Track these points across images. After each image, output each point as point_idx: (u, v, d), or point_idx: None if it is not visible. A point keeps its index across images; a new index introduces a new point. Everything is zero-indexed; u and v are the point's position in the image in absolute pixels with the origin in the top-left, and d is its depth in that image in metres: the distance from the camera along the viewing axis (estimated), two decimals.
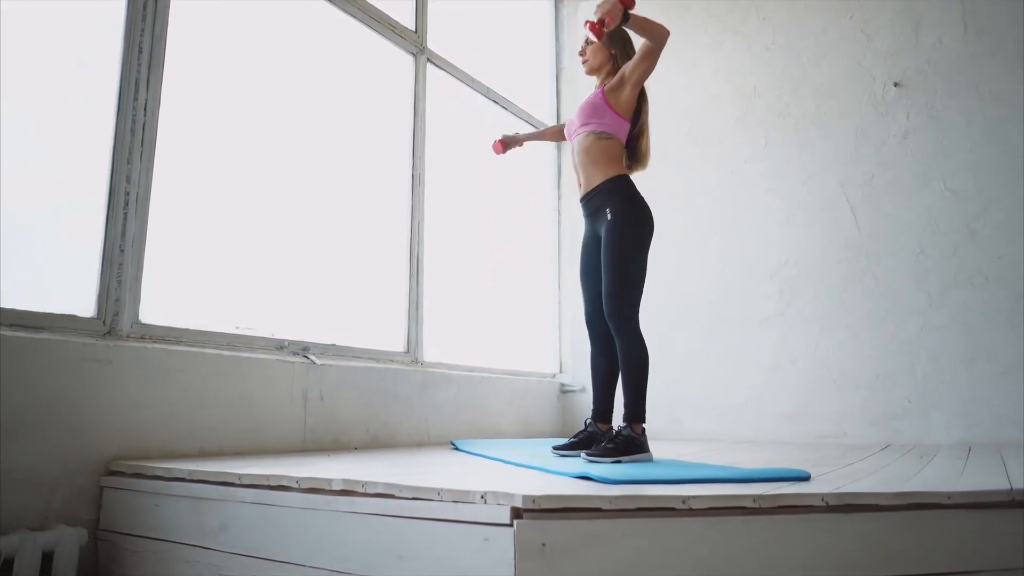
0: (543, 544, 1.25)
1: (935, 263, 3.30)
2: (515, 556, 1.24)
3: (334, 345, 2.89)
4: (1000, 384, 3.10)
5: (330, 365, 2.76)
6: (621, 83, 2.38)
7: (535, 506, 1.27)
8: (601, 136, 2.40)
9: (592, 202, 2.42)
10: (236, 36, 2.76)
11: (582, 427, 2.52)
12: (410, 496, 1.41)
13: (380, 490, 1.46)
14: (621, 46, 2.51)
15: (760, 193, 3.80)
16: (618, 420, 2.40)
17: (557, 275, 4.53)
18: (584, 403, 4.22)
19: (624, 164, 2.44)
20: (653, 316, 2.25)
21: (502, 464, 2.17)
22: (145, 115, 2.29)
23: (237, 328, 2.55)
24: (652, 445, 2.26)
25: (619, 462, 2.14)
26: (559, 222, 4.59)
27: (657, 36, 2.28)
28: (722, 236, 3.87)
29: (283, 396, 2.56)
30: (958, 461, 2.29)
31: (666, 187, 3.59)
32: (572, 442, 2.47)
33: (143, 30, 2.32)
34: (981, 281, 3.18)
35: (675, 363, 3.80)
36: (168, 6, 2.40)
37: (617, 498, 1.31)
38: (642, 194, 2.35)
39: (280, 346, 2.65)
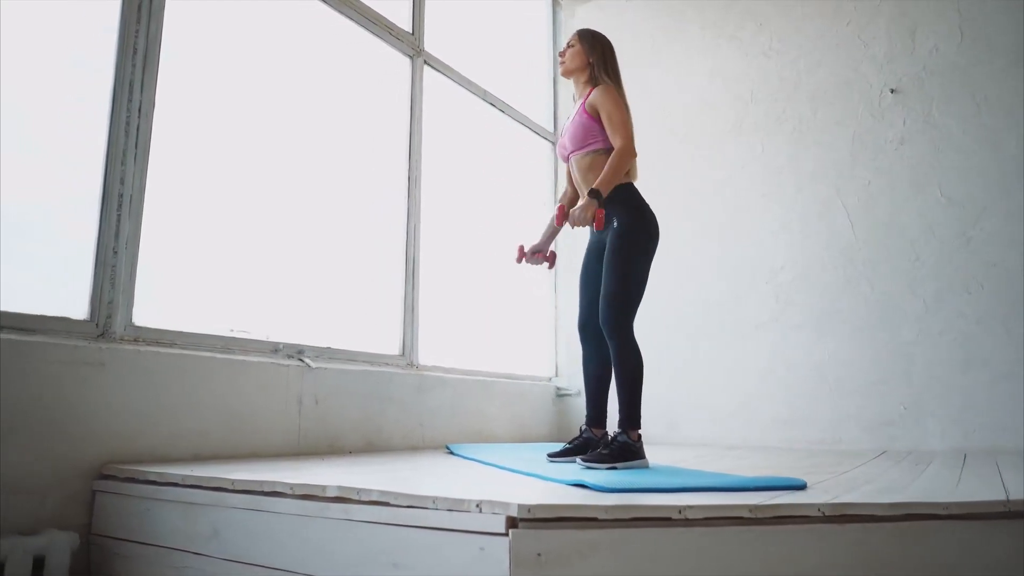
0: (538, 554, 1.24)
1: (931, 270, 3.31)
2: (510, 566, 1.23)
3: (329, 348, 2.87)
4: (995, 391, 3.10)
5: (325, 368, 2.75)
6: (603, 117, 2.37)
7: (530, 515, 1.26)
8: (600, 152, 2.40)
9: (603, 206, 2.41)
10: (232, 38, 2.75)
11: (577, 431, 2.52)
12: (405, 504, 1.40)
13: (375, 498, 1.45)
14: (600, 57, 2.51)
15: (756, 199, 3.80)
16: (612, 426, 2.40)
17: (553, 278, 4.52)
18: (580, 407, 4.21)
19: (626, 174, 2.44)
20: (648, 322, 2.25)
21: (497, 470, 2.16)
22: (139, 116, 2.27)
23: (231, 331, 2.54)
24: (647, 450, 2.25)
25: (615, 468, 2.14)
26: None
27: (621, 173, 2.30)
28: (717, 242, 3.87)
29: (278, 400, 2.55)
30: (953, 470, 2.29)
31: (661, 193, 3.58)
32: (567, 448, 2.47)
33: (137, 31, 2.30)
34: (977, 288, 3.19)
35: (670, 368, 3.80)
36: (163, 7, 2.38)
37: (612, 508, 1.30)
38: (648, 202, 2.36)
39: (275, 349, 2.64)
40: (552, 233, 2.66)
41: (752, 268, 3.75)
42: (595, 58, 2.46)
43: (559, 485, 1.67)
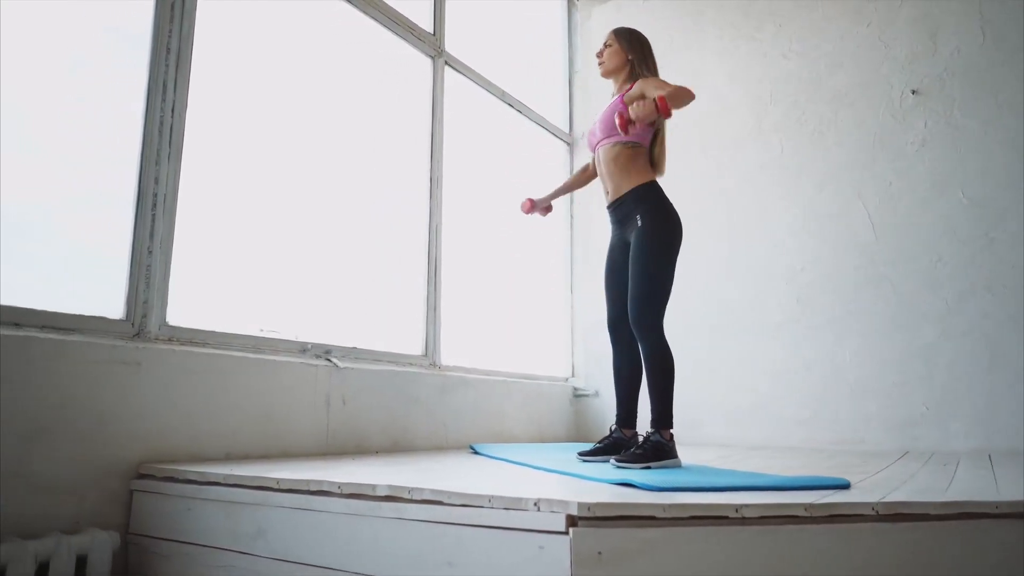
0: (599, 552, 1.25)
1: (953, 271, 3.31)
2: (571, 564, 1.23)
3: (355, 348, 2.88)
4: (1018, 391, 3.10)
5: (352, 368, 2.75)
6: (641, 98, 2.37)
7: (590, 514, 1.26)
8: (628, 145, 2.40)
9: (621, 209, 2.42)
10: (259, 39, 2.75)
11: (594, 431, 2.52)
12: (459, 503, 1.40)
13: (427, 496, 1.45)
14: (640, 54, 2.51)
15: (775, 200, 3.81)
16: (642, 426, 2.40)
17: (569, 278, 4.53)
18: (597, 408, 4.22)
19: (651, 171, 2.45)
20: (667, 322, 2.26)
21: (534, 470, 2.16)
22: (172, 116, 2.28)
23: (261, 330, 2.54)
24: None
25: (649, 468, 2.14)
26: (571, 225, 4.59)
27: (685, 103, 2.26)
28: (736, 242, 3.88)
29: (307, 399, 2.55)
30: (984, 470, 2.29)
31: (680, 193, 3.59)
32: (597, 448, 2.47)
33: (171, 31, 2.30)
34: (1000, 289, 3.19)
35: (688, 369, 3.76)
36: (195, 7, 2.39)
37: (671, 506, 1.30)
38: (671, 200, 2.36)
39: (303, 349, 2.64)
40: (559, 193, 2.88)
41: (772, 269, 3.75)
42: (634, 55, 2.47)
43: (605, 484, 1.67)
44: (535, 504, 1.31)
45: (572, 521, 1.26)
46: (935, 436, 3.26)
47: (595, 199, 4.43)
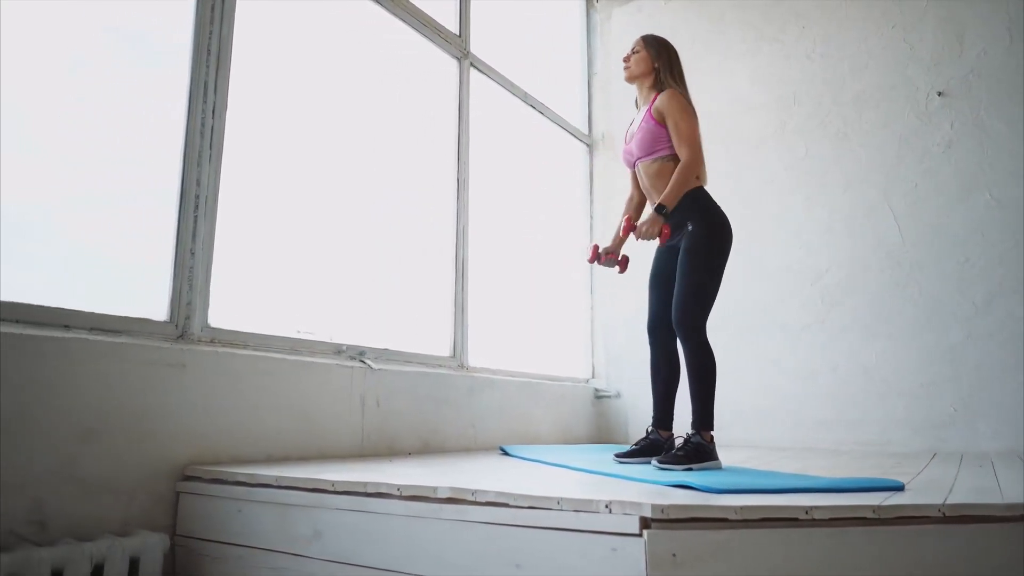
0: (673, 554, 1.25)
1: (980, 272, 3.31)
2: (647, 566, 1.23)
3: (387, 350, 2.88)
4: None
5: (384, 370, 2.75)
6: (669, 125, 2.39)
7: (664, 516, 1.27)
8: (668, 159, 2.41)
9: (670, 217, 2.41)
10: (293, 41, 2.76)
11: (618, 432, 2.53)
12: (526, 505, 1.40)
13: (491, 499, 1.45)
14: (666, 61, 2.52)
15: (800, 201, 3.81)
16: (679, 427, 2.41)
17: (589, 279, 4.53)
18: (618, 409, 4.22)
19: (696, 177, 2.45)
20: None
21: (576, 472, 2.16)
22: (214, 117, 2.28)
23: (298, 332, 2.54)
24: None
25: (691, 469, 2.14)
26: (591, 226, 4.59)
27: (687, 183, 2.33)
28: (761, 243, 3.87)
29: (343, 401, 2.55)
30: (1020, 471, 2.29)
31: None
32: (634, 449, 2.47)
33: (211, 33, 2.31)
34: None
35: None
36: (234, 10, 2.39)
37: (742, 508, 1.31)
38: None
39: (338, 350, 2.64)
40: (622, 239, 2.62)
41: (797, 270, 3.75)
42: (661, 63, 2.48)
43: (662, 487, 1.67)
44: (607, 506, 1.31)
45: (646, 523, 1.27)
46: (963, 437, 3.26)
47: (616, 201, 4.44)
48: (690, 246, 2.31)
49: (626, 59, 2.57)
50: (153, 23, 2.26)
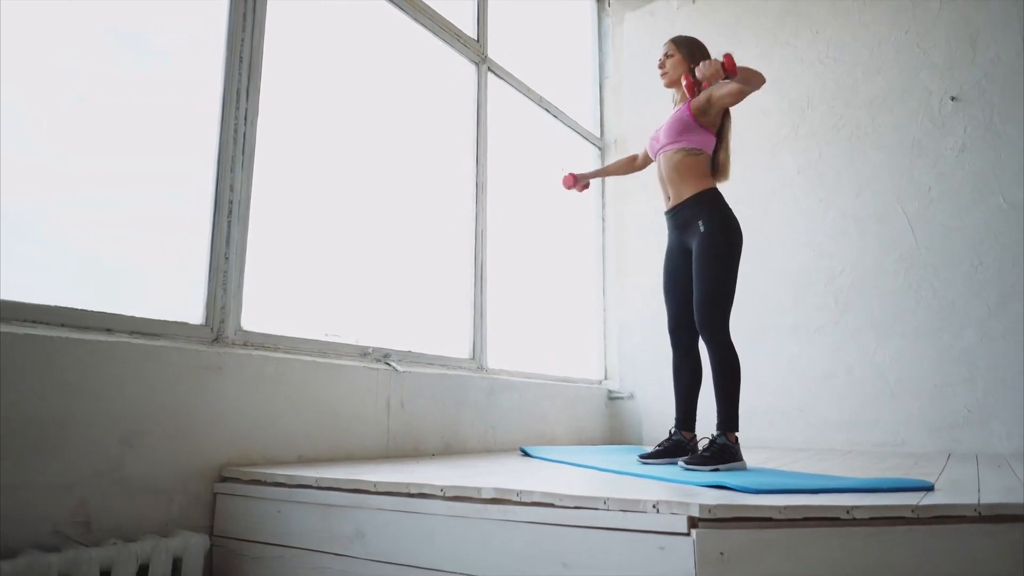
0: (721, 553, 1.28)
1: (994, 275, 3.35)
2: (696, 564, 1.27)
3: (410, 352, 2.91)
4: None
5: (408, 372, 2.78)
6: (708, 105, 2.42)
7: (711, 515, 1.30)
8: (691, 152, 2.44)
9: (681, 215, 2.46)
10: (319, 48, 2.79)
11: (632, 434, 2.56)
12: (572, 505, 1.43)
13: (537, 499, 1.48)
14: (700, 59, 2.55)
15: (813, 203, 3.85)
16: (702, 428, 2.44)
17: (602, 280, 4.56)
18: (632, 410, 4.26)
19: (712, 177, 2.49)
20: None
21: (604, 473, 2.19)
22: (246, 124, 2.31)
23: (326, 335, 2.57)
24: None
25: (717, 470, 2.17)
26: (603, 229, 4.63)
27: (755, 84, 2.30)
28: (775, 245, 3.91)
29: (370, 403, 2.58)
30: None
31: None
32: (658, 450, 2.50)
33: (243, 40, 2.34)
34: None
35: None
36: (265, 17, 2.42)
37: (786, 508, 1.34)
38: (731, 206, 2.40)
39: (364, 353, 2.67)
40: (600, 174, 3.15)
41: (810, 272, 3.79)
42: (695, 63, 2.51)
43: (693, 487, 1.70)
44: (654, 506, 1.34)
45: (693, 522, 1.30)
46: (977, 438, 3.30)
47: (627, 203, 4.47)
48: (703, 247, 2.34)
49: (661, 65, 2.59)
50: (186, 31, 2.29)
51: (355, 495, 1.75)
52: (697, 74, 2.19)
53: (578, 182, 2.89)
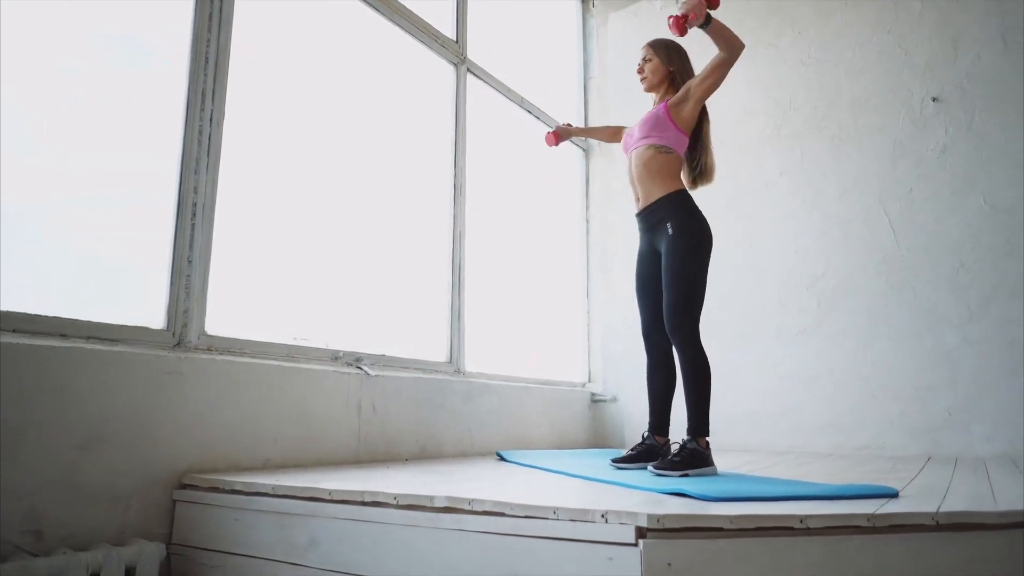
0: (668, 564, 1.25)
1: (975, 277, 3.33)
2: (642, 575, 1.24)
3: (384, 356, 2.88)
4: None
5: (381, 376, 2.76)
6: (685, 98, 2.41)
7: (659, 525, 1.27)
8: (661, 150, 2.41)
9: (650, 217, 2.43)
10: (288, 48, 2.76)
11: (615, 437, 2.53)
12: (522, 514, 1.41)
13: (488, 508, 1.46)
14: (680, 64, 2.53)
15: (797, 205, 3.82)
16: (675, 433, 2.42)
17: (585, 283, 4.54)
18: (615, 413, 4.23)
19: (682, 179, 2.47)
20: None
21: (573, 479, 2.16)
22: (211, 126, 2.28)
23: (294, 339, 2.55)
24: None
25: (687, 475, 2.15)
26: (587, 231, 4.60)
27: (732, 46, 2.30)
28: (757, 248, 3.89)
29: (339, 407, 2.55)
30: (1018, 476, 2.30)
31: (701, 199, 3.63)
32: (631, 455, 2.48)
33: (209, 40, 2.31)
34: (1022, 295, 3.21)
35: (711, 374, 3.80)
36: (232, 17, 2.39)
37: (737, 517, 1.31)
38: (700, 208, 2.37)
39: (335, 357, 2.65)
40: (583, 133, 3.26)
41: (793, 274, 3.77)
42: (675, 67, 2.50)
43: (656, 494, 1.68)
44: (603, 516, 1.31)
45: (641, 533, 1.27)
46: (958, 441, 3.27)
47: (612, 205, 4.45)
48: (672, 250, 2.32)
49: (640, 70, 2.57)
50: (153, 27, 2.26)
51: (310, 503, 1.72)
52: (681, 9, 2.18)
53: (562, 138, 2.97)
